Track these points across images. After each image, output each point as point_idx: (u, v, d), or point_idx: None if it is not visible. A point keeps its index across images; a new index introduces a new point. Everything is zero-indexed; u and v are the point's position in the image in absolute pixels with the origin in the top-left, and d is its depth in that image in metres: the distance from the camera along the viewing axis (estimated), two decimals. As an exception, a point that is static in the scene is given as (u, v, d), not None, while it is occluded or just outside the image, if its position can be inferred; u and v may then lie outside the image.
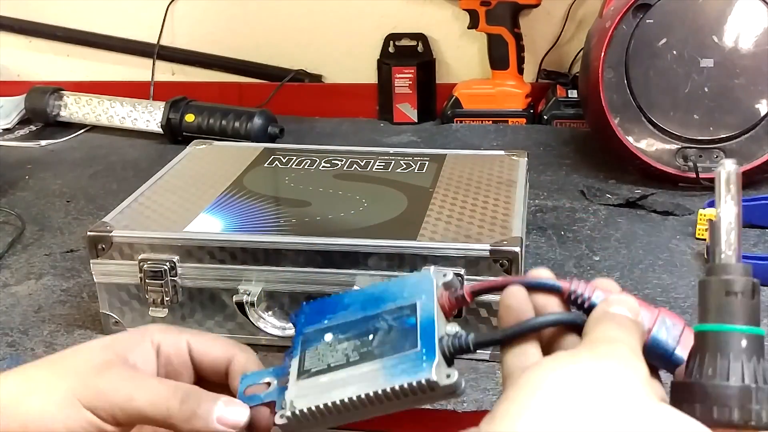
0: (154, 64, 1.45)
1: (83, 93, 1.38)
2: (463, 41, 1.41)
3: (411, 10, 1.41)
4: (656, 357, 0.40)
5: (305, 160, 0.92)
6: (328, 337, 0.46)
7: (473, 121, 1.33)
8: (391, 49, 1.40)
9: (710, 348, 0.37)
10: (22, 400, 0.46)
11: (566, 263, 0.88)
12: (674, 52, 1.02)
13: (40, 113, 1.37)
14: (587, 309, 0.42)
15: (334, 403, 0.43)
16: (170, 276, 0.74)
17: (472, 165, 0.89)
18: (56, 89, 1.38)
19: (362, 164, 0.90)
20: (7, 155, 1.28)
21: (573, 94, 1.30)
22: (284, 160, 0.92)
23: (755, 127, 1.02)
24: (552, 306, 0.43)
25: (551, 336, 0.42)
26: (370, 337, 0.45)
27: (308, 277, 0.73)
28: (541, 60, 1.40)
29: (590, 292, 0.42)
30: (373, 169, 0.89)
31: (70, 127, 1.38)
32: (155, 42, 1.46)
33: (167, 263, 0.74)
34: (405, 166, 0.89)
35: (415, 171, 0.88)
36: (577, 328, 0.42)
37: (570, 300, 0.43)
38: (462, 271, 0.69)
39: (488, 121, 1.33)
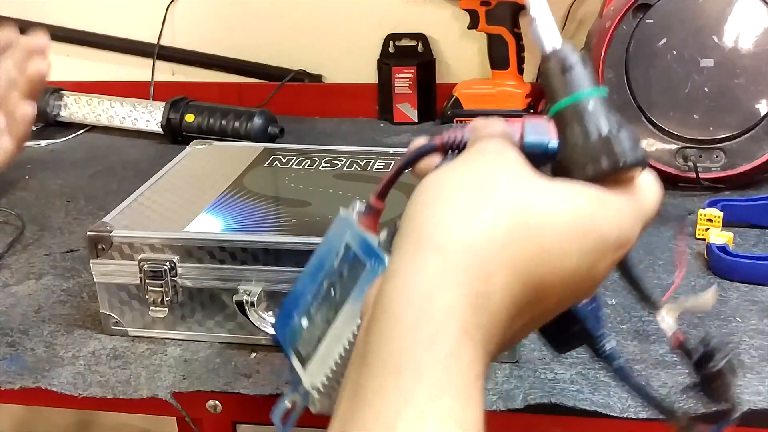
0: (154, 64, 1.45)
1: (83, 93, 1.38)
2: (463, 41, 1.41)
3: (411, 10, 1.41)
4: (537, 158, 0.41)
5: (305, 160, 0.92)
6: (304, 322, 0.48)
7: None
8: (391, 49, 1.40)
9: (567, 122, 0.40)
10: None
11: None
12: (674, 52, 1.02)
13: (40, 113, 1.36)
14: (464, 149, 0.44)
15: (341, 356, 0.44)
16: (170, 276, 0.74)
17: (472, 165, 0.89)
18: (56, 89, 1.38)
19: (362, 164, 0.90)
20: (7, 155, 1.28)
21: (573, 94, 1.30)
22: (284, 160, 0.92)
23: (755, 127, 1.02)
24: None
25: None
26: (332, 292, 0.46)
27: (308, 277, 0.73)
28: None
29: (461, 135, 0.44)
30: (373, 169, 0.89)
31: (70, 127, 1.38)
32: (155, 42, 1.46)
33: (167, 263, 0.74)
34: (405, 166, 0.89)
35: (415, 171, 0.88)
36: None
37: (449, 151, 0.45)
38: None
39: (488, 121, 1.33)
